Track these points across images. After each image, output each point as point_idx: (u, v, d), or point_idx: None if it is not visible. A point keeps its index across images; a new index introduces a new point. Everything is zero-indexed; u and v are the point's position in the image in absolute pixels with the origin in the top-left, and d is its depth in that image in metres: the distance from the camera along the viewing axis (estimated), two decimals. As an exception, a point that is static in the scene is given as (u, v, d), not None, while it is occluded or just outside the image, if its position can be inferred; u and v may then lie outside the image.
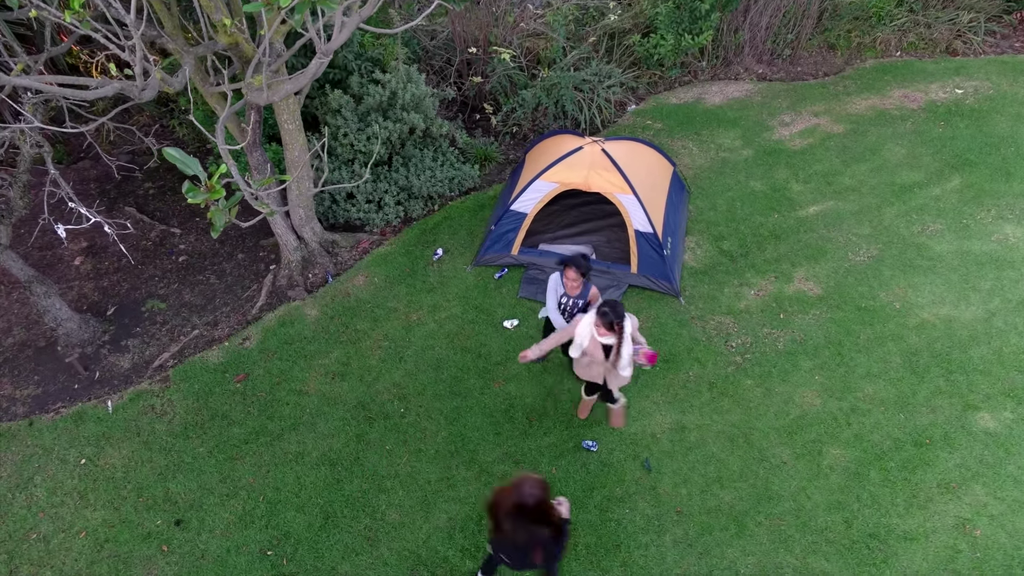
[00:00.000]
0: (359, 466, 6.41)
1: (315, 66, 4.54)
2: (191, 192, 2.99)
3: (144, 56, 3.71)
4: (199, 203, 3.08)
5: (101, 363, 7.16)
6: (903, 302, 7.42)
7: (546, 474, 6.30)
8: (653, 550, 5.89)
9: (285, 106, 6.59)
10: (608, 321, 5.34)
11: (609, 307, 5.34)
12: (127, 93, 3.99)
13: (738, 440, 6.48)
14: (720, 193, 8.55)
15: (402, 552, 5.92)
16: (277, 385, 6.96)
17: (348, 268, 7.91)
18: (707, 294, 7.55)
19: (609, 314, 5.33)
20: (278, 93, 4.85)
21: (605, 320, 5.35)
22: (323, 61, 4.17)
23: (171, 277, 7.89)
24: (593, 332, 5.54)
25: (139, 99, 4.00)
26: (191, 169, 2.97)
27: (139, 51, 3.58)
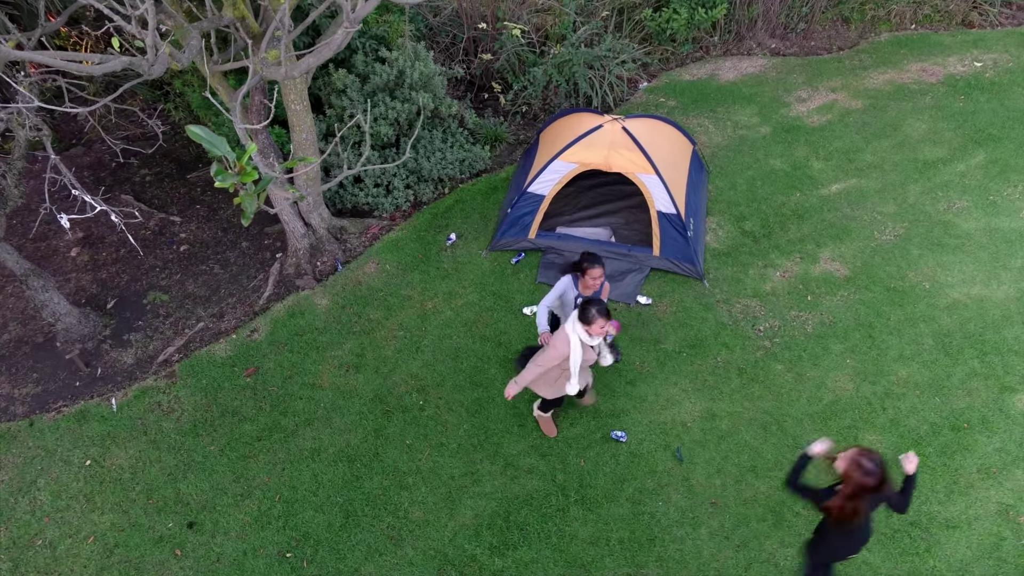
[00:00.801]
0: (378, 462, 6.15)
1: (341, 37, 4.22)
2: (220, 175, 2.69)
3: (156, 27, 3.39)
4: (227, 187, 2.78)
5: (103, 359, 6.84)
6: (932, 282, 7.20)
7: (575, 466, 6.06)
8: (689, 543, 5.68)
9: (292, 86, 6.25)
10: (606, 310, 5.00)
11: (595, 302, 5.00)
12: (136, 68, 3.66)
13: (771, 427, 6.26)
14: (739, 172, 8.29)
15: (427, 551, 5.68)
16: (289, 379, 6.67)
17: (358, 255, 7.60)
18: (731, 276, 7.30)
19: (602, 306, 4.98)
20: (298, 67, 4.53)
21: (603, 311, 4.97)
22: (349, 31, 3.86)
23: (173, 267, 7.55)
24: (583, 339, 5.10)
25: (148, 75, 3.68)
26: (218, 149, 2.66)
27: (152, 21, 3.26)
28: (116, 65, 3.52)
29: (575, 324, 5.10)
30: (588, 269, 5.47)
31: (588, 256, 5.51)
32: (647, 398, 6.44)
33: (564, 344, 5.14)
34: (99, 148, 8.81)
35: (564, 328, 5.16)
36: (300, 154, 6.79)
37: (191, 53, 4.32)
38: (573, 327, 5.11)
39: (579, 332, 5.09)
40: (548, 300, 5.72)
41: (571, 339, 5.11)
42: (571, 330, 5.11)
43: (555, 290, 5.70)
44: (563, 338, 5.15)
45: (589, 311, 4.99)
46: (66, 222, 4.90)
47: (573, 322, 5.10)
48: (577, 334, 5.11)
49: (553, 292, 5.70)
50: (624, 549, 5.66)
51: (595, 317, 4.99)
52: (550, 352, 5.18)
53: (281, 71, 4.29)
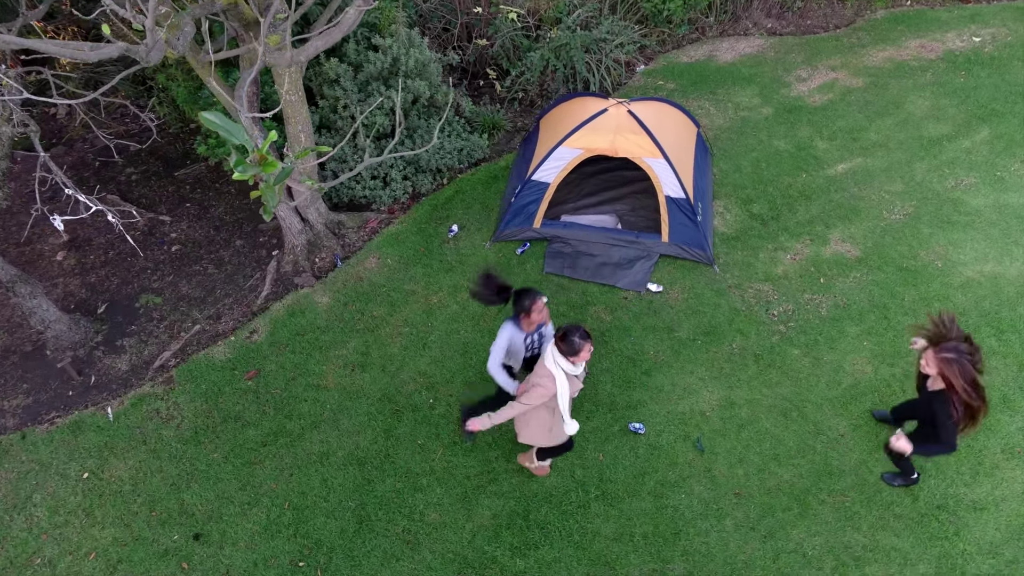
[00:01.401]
0: (390, 464, 5.94)
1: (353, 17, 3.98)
2: (240, 165, 2.46)
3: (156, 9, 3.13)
4: (247, 179, 2.55)
5: (96, 366, 6.55)
6: (945, 260, 7.09)
7: (593, 461, 5.89)
8: (714, 536, 5.53)
9: (287, 75, 5.98)
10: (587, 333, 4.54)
11: (575, 327, 4.53)
12: (133, 55, 3.41)
13: (791, 414, 6.12)
14: (743, 154, 8.13)
15: (446, 554, 5.49)
16: (292, 380, 6.43)
17: (357, 250, 7.35)
18: (742, 261, 7.15)
19: (583, 330, 4.53)
20: (305, 52, 4.28)
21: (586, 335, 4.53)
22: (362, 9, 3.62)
23: (165, 269, 7.27)
24: (570, 369, 4.62)
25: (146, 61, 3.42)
26: (235, 137, 2.43)
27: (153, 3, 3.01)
28: (113, 51, 3.26)
29: (555, 357, 4.58)
30: (532, 305, 4.92)
31: (525, 292, 4.96)
32: (663, 388, 6.28)
33: (550, 382, 4.62)
34: (81, 147, 8.48)
35: (544, 363, 4.65)
36: (296, 147, 6.53)
37: (185, 40, 4.06)
38: (554, 360, 4.59)
39: (562, 364, 4.58)
40: (498, 356, 5.12)
41: (555, 374, 4.60)
42: (552, 364, 4.60)
43: (500, 342, 5.09)
44: (546, 374, 4.63)
45: (573, 340, 4.48)
46: (59, 223, 4.62)
47: (553, 355, 4.59)
48: (560, 367, 4.60)
49: (499, 346, 5.10)
50: (648, 544, 5.50)
51: (581, 345, 4.50)
52: (535, 391, 4.71)
53: (286, 56, 4.04)
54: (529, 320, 5.03)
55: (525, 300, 4.96)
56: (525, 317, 5.01)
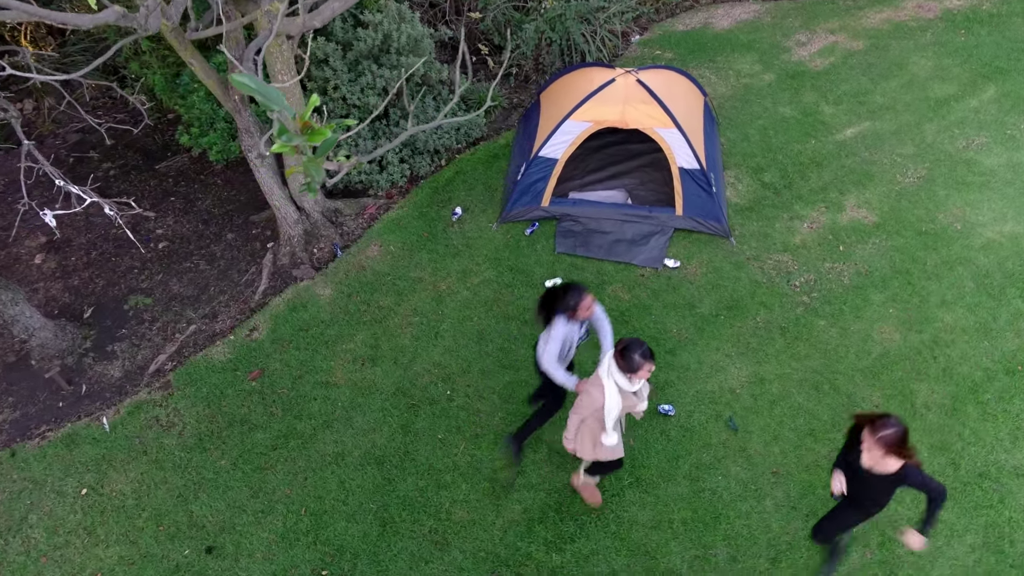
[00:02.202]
0: (410, 461, 5.63)
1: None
2: (283, 134, 2.11)
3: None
4: (289, 151, 2.21)
5: (87, 375, 6.13)
6: (963, 222, 6.92)
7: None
8: (755, 518, 5.31)
9: (279, 53, 5.58)
10: (649, 351, 4.21)
11: (636, 343, 4.20)
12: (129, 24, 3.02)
13: (823, 387, 5.92)
14: (749, 122, 7.88)
15: (477, 553, 5.20)
16: (299, 379, 6.07)
17: (357, 238, 6.98)
18: (758, 231, 6.91)
19: (646, 347, 4.19)
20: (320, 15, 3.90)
21: (647, 354, 4.18)
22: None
23: (152, 267, 6.84)
24: (625, 386, 4.31)
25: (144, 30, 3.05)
26: (274, 103, 2.09)
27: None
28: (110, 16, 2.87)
29: (611, 369, 4.29)
30: (577, 304, 4.63)
31: (570, 290, 4.66)
32: (690, 367, 6.03)
33: (599, 392, 4.35)
34: (52, 143, 7.97)
35: (597, 373, 4.39)
36: (290, 131, 6.12)
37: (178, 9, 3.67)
38: (608, 373, 4.30)
39: (616, 378, 4.29)
40: (554, 354, 4.78)
41: (606, 385, 4.32)
42: (605, 375, 4.32)
43: (556, 336, 4.76)
44: (596, 384, 4.37)
45: (632, 358, 4.16)
46: (51, 219, 4.21)
47: (608, 367, 4.30)
48: (614, 380, 4.31)
49: (554, 344, 4.76)
50: (688, 530, 5.27)
51: (641, 364, 4.17)
52: (582, 400, 4.47)
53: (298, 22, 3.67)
54: (577, 316, 4.72)
55: (570, 300, 4.63)
56: (571, 314, 4.70)
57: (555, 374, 4.83)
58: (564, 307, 4.69)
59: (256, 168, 6.23)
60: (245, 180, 7.48)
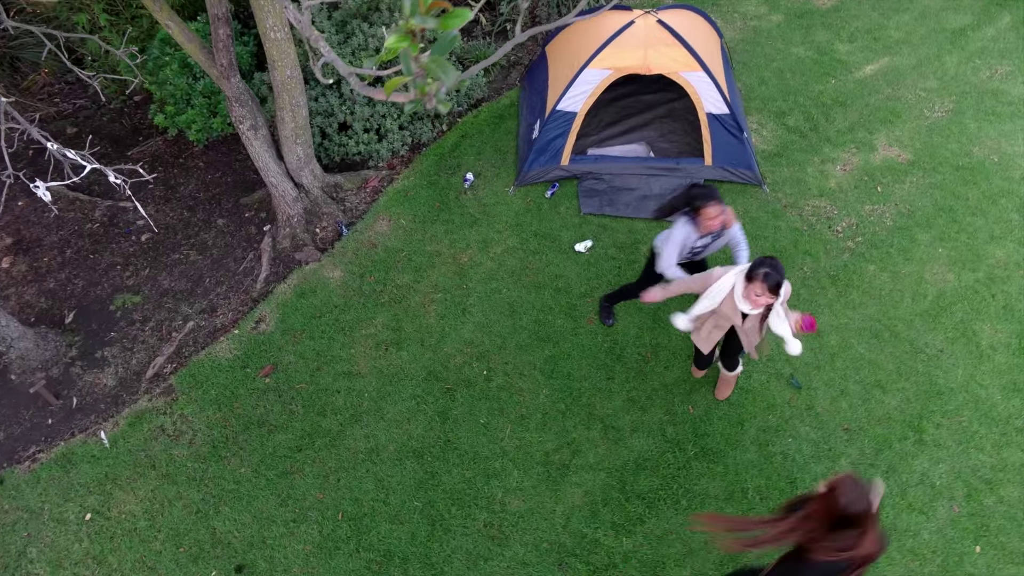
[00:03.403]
0: (453, 451, 5.11)
1: None
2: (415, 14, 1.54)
3: None
4: (395, 53, 1.66)
5: (76, 386, 5.47)
6: (1000, 154, 6.61)
7: (683, 415, 5.20)
8: (833, 479, 4.93)
9: (270, 8, 4.94)
10: (774, 283, 3.94)
11: (771, 266, 3.94)
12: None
13: (883, 335, 5.55)
14: (764, 65, 7.44)
15: (539, 545, 4.73)
16: (318, 371, 5.49)
17: (362, 214, 6.39)
18: (791, 177, 6.50)
19: (773, 274, 3.93)
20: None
21: (770, 282, 3.93)
22: None
23: (137, 262, 6.15)
24: (737, 293, 4.17)
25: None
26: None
27: None
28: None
29: (740, 275, 4.13)
30: (702, 208, 4.37)
31: (698, 191, 4.42)
32: (741, 325, 5.61)
33: (722, 274, 4.23)
34: (7, 135, 7.15)
35: (732, 268, 4.24)
36: (285, 96, 5.49)
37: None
38: (738, 275, 4.15)
39: (738, 286, 4.13)
40: (673, 254, 4.57)
41: (724, 282, 4.18)
42: (733, 276, 4.17)
43: (675, 238, 4.53)
44: (720, 274, 4.24)
45: (759, 270, 3.94)
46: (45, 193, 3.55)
47: (741, 271, 4.15)
48: (736, 286, 4.15)
49: (674, 242, 4.54)
50: (764, 499, 4.87)
51: (761, 288, 3.94)
52: (705, 274, 4.31)
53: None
54: (703, 222, 4.45)
55: (695, 200, 4.41)
56: (696, 217, 4.48)
57: (676, 274, 4.61)
58: (686, 206, 4.50)
59: (249, 141, 5.58)
60: (230, 160, 6.81)
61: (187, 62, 6.44)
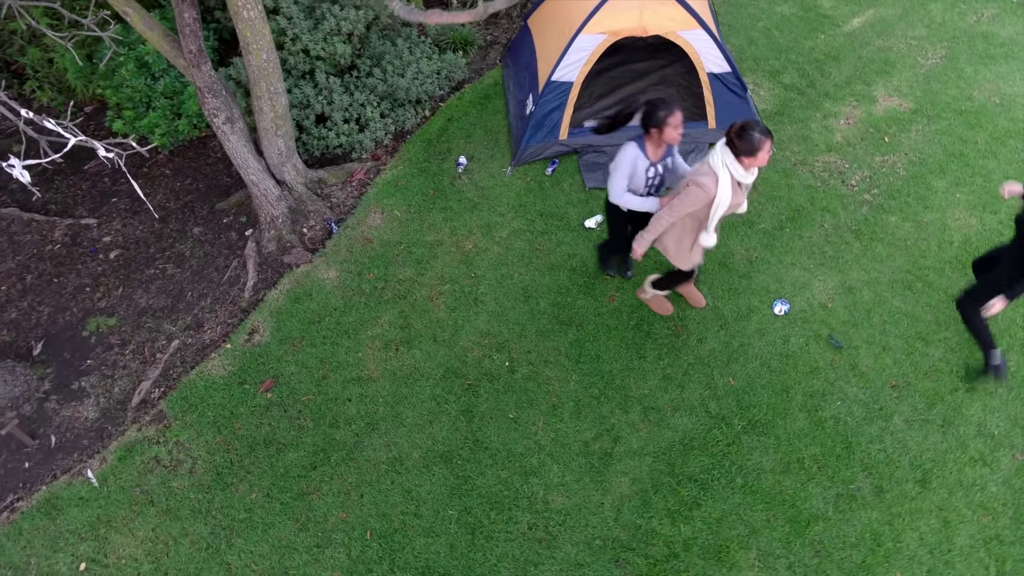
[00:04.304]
0: (483, 451, 4.69)
1: None
2: None
3: None
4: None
5: (53, 422, 4.89)
6: (1000, 96, 6.47)
7: (724, 388, 4.87)
8: (889, 439, 4.66)
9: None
10: (767, 130, 3.75)
11: (750, 124, 3.73)
12: None
13: (915, 286, 5.31)
14: (751, 26, 7.20)
15: (592, 543, 4.34)
16: (324, 380, 5.02)
17: (351, 209, 5.92)
18: (796, 135, 6.25)
19: (762, 124, 3.76)
20: None
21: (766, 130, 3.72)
22: None
23: (108, 281, 5.59)
24: (736, 175, 3.89)
25: None
26: None
27: None
28: None
29: (724, 157, 3.84)
30: (667, 118, 3.99)
31: (657, 104, 4.01)
32: (770, 288, 5.32)
33: (711, 182, 3.89)
34: (-57, 158, 6.50)
35: (708, 163, 3.91)
36: (263, 83, 5.01)
37: None
38: (723, 161, 3.85)
39: (731, 166, 3.85)
40: (622, 180, 4.24)
41: (720, 176, 3.86)
42: (719, 164, 3.86)
43: (622, 166, 4.20)
44: (708, 173, 3.89)
45: (752, 136, 3.72)
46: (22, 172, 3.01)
47: (722, 154, 3.84)
48: (728, 170, 3.86)
49: (621, 169, 4.21)
50: (821, 467, 4.56)
51: (762, 142, 3.74)
52: (693, 193, 3.93)
53: None
54: (660, 140, 4.09)
55: (659, 111, 3.98)
56: (657, 134, 4.06)
57: (628, 202, 4.26)
58: (648, 122, 4.03)
59: (225, 136, 5.09)
60: (199, 165, 6.28)
61: (144, 61, 5.91)
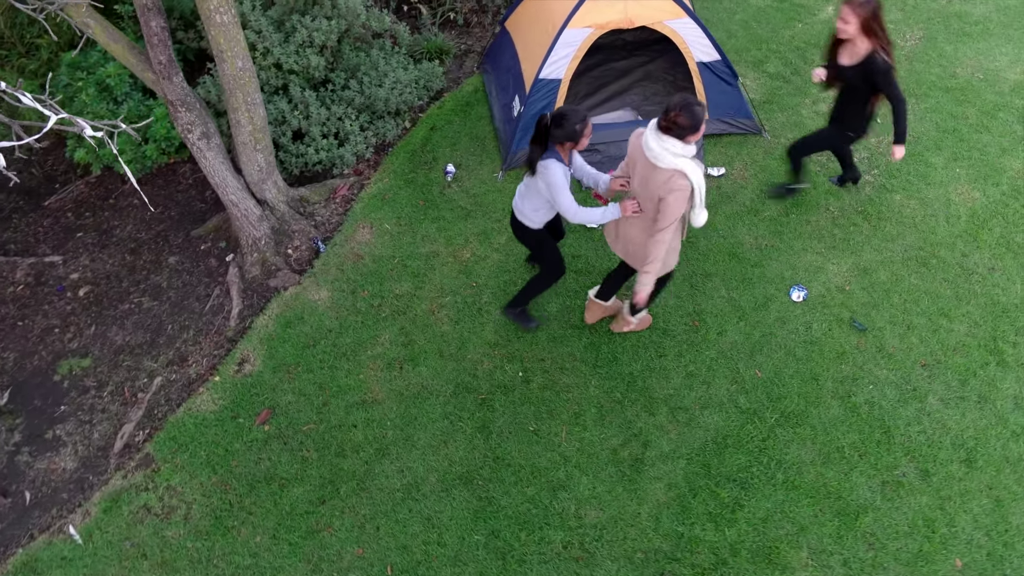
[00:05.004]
0: (506, 468, 4.36)
1: None
2: None
3: None
4: None
5: (27, 477, 4.43)
6: (983, 71, 6.46)
7: (751, 380, 4.63)
8: (927, 420, 4.45)
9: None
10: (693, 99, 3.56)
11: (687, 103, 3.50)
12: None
13: (930, 262, 5.17)
14: (727, 19, 7.12)
15: (633, 556, 4.03)
16: (325, 407, 4.65)
17: (337, 226, 5.60)
18: (788, 122, 6.14)
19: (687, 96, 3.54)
20: None
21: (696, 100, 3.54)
22: None
23: (79, 320, 5.16)
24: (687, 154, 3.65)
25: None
26: None
27: None
28: None
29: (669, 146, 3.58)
30: (583, 128, 3.78)
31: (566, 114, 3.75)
32: (784, 276, 5.12)
33: (681, 178, 3.63)
34: None
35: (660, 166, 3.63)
36: (239, 94, 4.69)
37: None
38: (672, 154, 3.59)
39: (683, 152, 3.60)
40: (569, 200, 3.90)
41: (683, 167, 3.61)
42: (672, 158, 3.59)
43: (559, 183, 3.85)
44: (675, 176, 3.63)
45: (695, 110, 3.49)
46: None
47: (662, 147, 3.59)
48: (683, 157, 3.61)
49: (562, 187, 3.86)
50: (862, 455, 4.33)
51: (702, 114, 3.53)
52: (677, 199, 3.64)
53: None
54: (578, 148, 3.89)
55: (574, 123, 3.74)
56: (571, 145, 3.86)
57: (584, 217, 3.97)
58: (563, 135, 3.77)
59: (201, 153, 4.75)
60: (170, 192, 5.90)
61: (105, 84, 5.56)
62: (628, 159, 3.94)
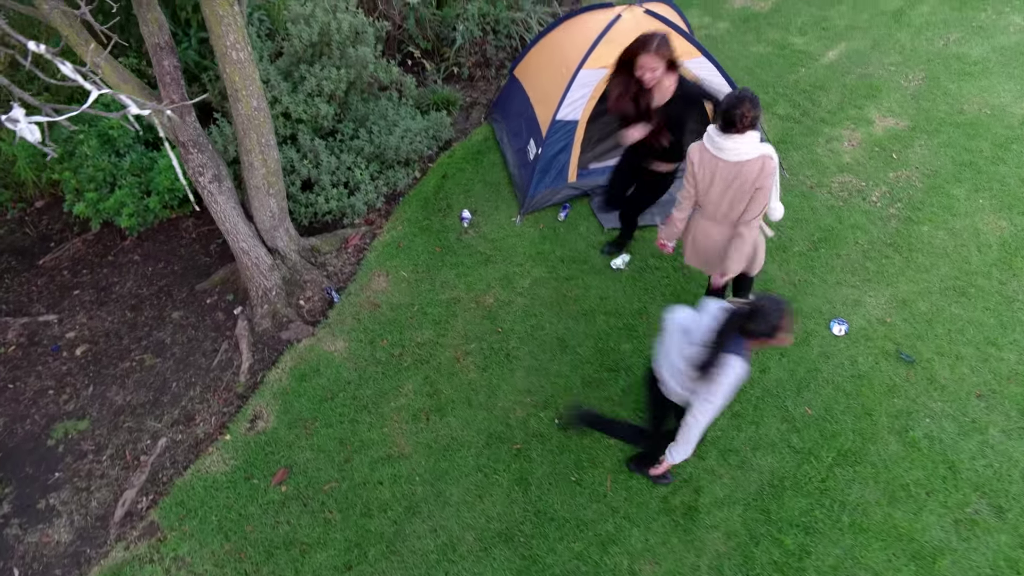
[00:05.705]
0: (549, 522, 4.00)
1: None
2: None
3: None
4: None
5: (16, 552, 3.99)
6: (990, 107, 6.49)
7: (802, 419, 4.36)
8: (991, 453, 4.19)
9: (232, 22, 4.04)
10: None
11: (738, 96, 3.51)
12: None
13: (968, 291, 5.02)
14: (731, 65, 7.17)
15: (695, 614, 3.65)
16: (347, 463, 4.29)
17: (351, 276, 5.35)
18: (804, 160, 6.07)
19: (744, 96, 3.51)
20: None
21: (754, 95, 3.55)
22: None
23: (76, 380, 4.80)
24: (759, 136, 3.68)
25: None
26: None
27: None
28: None
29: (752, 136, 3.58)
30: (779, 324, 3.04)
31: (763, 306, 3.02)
32: (822, 309, 4.93)
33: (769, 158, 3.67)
34: None
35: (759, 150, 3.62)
36: (253, 135, 4.51)
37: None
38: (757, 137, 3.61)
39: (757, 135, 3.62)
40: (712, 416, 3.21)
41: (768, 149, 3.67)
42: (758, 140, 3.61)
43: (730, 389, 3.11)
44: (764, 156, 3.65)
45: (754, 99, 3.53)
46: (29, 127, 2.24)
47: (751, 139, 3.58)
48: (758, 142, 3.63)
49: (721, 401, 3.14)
50: (931, 493, 4.04)
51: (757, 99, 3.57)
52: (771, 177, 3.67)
53: None
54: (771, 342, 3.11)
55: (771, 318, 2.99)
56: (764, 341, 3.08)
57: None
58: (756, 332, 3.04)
59: (212, 197, 4.53)
60: (172, 247, 5.65)
61: (108, 136, 5.37)
62: (697, 174, 3.81)
